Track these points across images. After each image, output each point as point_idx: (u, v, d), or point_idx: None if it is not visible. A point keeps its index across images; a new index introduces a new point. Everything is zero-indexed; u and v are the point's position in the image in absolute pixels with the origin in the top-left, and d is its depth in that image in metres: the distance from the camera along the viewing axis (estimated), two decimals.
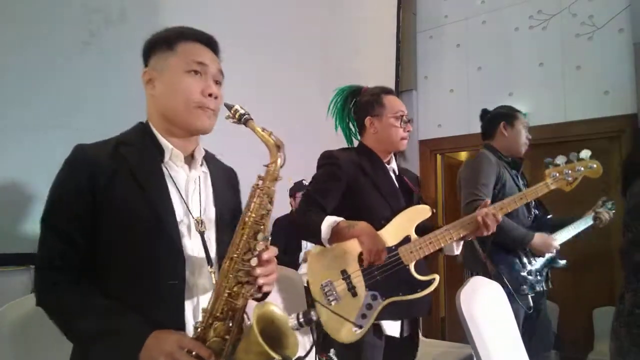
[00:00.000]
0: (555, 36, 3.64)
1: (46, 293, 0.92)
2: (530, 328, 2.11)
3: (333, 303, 1.46)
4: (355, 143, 1.79)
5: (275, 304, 0.92)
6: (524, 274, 2.06)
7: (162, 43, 1.05)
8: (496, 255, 2.06)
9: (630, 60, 3.30)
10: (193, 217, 0.99)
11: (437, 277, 1.52)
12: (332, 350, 2.01)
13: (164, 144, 1.02)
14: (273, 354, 0.78)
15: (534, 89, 3.72)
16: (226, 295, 0.89)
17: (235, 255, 0.91)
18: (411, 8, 4.42)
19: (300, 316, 0.80)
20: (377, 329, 1.51)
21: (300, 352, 0.86)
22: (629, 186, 1.34)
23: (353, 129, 1.78)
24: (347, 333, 1.44)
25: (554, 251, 2.10)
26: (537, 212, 2.22)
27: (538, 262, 2.11)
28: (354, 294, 1.46)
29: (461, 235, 1.58)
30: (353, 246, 1.48)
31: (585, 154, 1.82)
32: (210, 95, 1.00)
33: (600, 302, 3.57)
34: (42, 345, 1.16)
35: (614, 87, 3.37)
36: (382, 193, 1.59)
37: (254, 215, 0.92)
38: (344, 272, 1.48)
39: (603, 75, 3.41)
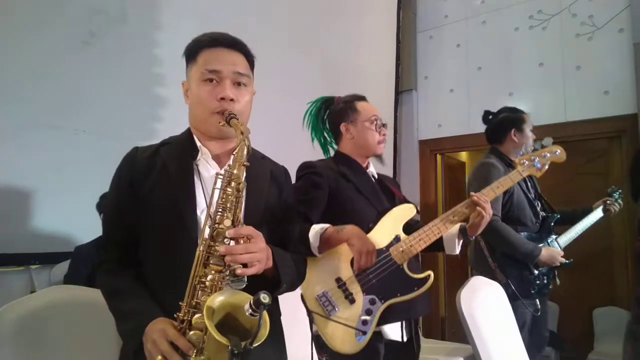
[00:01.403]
0: (555, 36, 3.64)
1: (97, 271, 1.06)
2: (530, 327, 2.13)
3: (331, 313, 1.41)
4: (332, 153, 1.79)
5: (242, 293, 0.88)
6: (532, 279, 2.09)
7: (188, 54, 1.11)
8: (505, 264, 2.10)
9: (630, 60, 3.30)
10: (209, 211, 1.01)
11: (431, 273, 1.48)
12: None
13: (197, 144, 1.09)
14: (219, 337, 0.77)
15: (534, 89, 3.72)
16: (199, 285, 0.90)
17: (203, 243, 0.92)
18: (411, 8, 4.42)
19: (251, 301, 0.79)
20: (376, 335, 1.46)
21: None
22: None
23: (328, 139, 1.79)
24: (351, 343, 1.39)
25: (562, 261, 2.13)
26: (545, 214, 2.23)
27: (545, 267, 2.14)
28: (352, 301, 1.42)
29: (448, 228, 1.55)
30: (344, 251, 1.45)
31: (547, 141, 1.89)
32: (223, 98, 1.04)
33: (600, 302, 3.57)
34: (41, 346, 1.16)
35: (614, 87, 3.37)
36: (365, 196, 1.58)
37: (220, 202, 0.94)
38: (338, 280, 1.45)
39: (603, 75, 3.41)
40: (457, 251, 1.63)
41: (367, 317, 1.41)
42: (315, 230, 1.42)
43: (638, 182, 1.33)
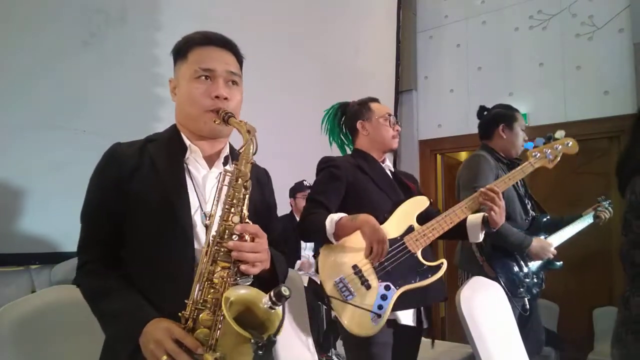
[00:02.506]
0: (555, 36, 3.64)
1: (77, 274, 1.02)
2: (522, 329, 2.11)
3: (348, 298, 1.48)
4: (349, 152, 1.90)
5: (253, 289, 0.89)
6: (521, 276, 2.06)
7: (178, 52, 1.11)
8: (494, 258, 2.07)
9: (630, 60, 3.30)
10: (202, 210, 1.01)
11: (444, 261, 1.57)
12: (332, 351, 2.01)
13: (186, 143, 1.08)
14: (242, 331, 0.77)
15: (534, 89, 3.72)
16: (207, 282, 0.89)
17: (211, 240, 0.92)
18: (411, 8, 4.43)
19: (272, 294, 0.80)
20: (389, 321, 1.52)
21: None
22: (627, 183, 1.31)
23: (345, 141, 1.92)
24: (367, 325, 1.45)
25: (551, 255, 2.10)
26: (534, 214, 2.22)
27: (535, 265, 2.12)
28: (368, 287, 1.49)
29: (460, 218, 1.63)
30: (360, 239, 1.50)
31: (560, 133, 1.89)
32: (217, 97, 1.03)
33: (600, 302, 3.57)
34: (41, 346, 1.16)
35: (614, 87, 3.37)
36: (381, 188, 1.67)
37: (228, 199, 0.95)
38: (355, 267, 1.52)
39: (603, 75, 3.42)
40: (480, 239, 1.71)
41: (382, 302, 1.48)
42: (332, 218, 1.50)
43: (624, 177, 1.34)
